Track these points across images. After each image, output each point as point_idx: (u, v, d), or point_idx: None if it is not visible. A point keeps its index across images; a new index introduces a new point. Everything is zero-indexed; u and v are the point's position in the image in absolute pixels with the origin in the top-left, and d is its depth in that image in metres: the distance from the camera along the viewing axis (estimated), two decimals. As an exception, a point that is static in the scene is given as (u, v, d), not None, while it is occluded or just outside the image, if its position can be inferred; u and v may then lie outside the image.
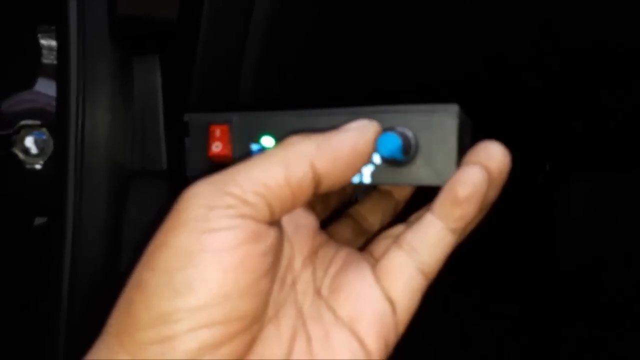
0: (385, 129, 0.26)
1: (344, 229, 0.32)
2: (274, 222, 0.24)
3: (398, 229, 0.28)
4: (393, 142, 0.25)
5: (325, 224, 0.32)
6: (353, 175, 0.25)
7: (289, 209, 0.24)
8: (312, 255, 0.28)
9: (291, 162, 0.24)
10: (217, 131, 0.29)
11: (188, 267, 0.21)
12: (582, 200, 0.77)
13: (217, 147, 0.29)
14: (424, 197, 0.29)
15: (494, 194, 0.26)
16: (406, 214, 0.30)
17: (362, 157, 0.25)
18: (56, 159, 0.51)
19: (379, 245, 0.28)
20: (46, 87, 0.58)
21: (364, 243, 0.32)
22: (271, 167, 0.23)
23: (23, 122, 0.53)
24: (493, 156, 0.25)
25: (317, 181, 0.24)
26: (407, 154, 0.26)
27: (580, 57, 0.43)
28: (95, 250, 0.48)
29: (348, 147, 0.24)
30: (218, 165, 0.29)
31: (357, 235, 0.32)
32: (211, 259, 0.22)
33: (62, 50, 0.47)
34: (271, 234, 0.23)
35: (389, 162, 0.26)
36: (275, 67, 0.42)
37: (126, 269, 0.49)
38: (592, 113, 0.52)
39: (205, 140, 0.30)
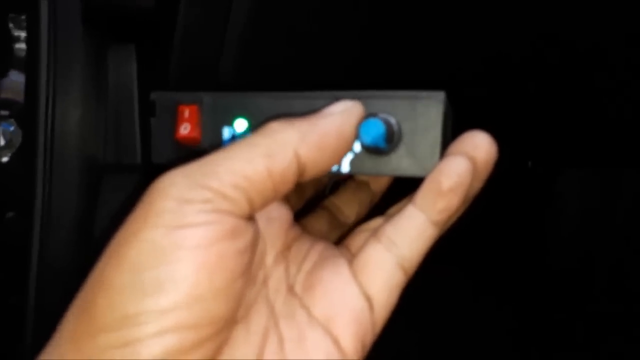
0: (368, 115, 0.25)
1: (318, 221, 0.31)
2: (252, 217, 0.23)
3: (376, 222, 0.27)
4: (376, 129, 0.24)
5: (299, 216, 0.31)
6: (337, 162, 0.24)
7: (269, 202, 0.23)
8: (285, 251, 0.26)
9: (274, 152, 0.22)
10: (186, 112, 0.27)
11: (158, 265, 0.20)
12: (574, 197, 0.77)
13: (185, 129, 0.27)
14: (401, 189, 0.28)
15: (478, 185, 0.25)
16: (382, 207, 0.29)
17: (347, 144, 0.24)
18: (24, 151, 0.48)
19: (355, 239, 0.27)
20: (17, 78, 0.55)
21: (340, 237, 0.31)
22: (253, 157, 0.22)
23: (-11, 113, 0.50)
24: (479, 146, 0.24)
25: (300, 171, 0.23)
26: (390, 142, 0.25)
27: (571, 52, 0.43)
28: (65, 245, 0.46)
29: (334, 133, 0.23)
30: (186, 148, 0.27)
31: (332, 229, 0.31)
32: (184, 256, 0.20)
33: (32, 38, 0.45)
34: (249, 229, 0.22)
35: (370, 150, 0.25)
36: (256, 58, 0.41)
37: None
38: (582, 109, 0.51)
39: (174, 121, 0.27)
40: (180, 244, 0.20)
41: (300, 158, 0.22)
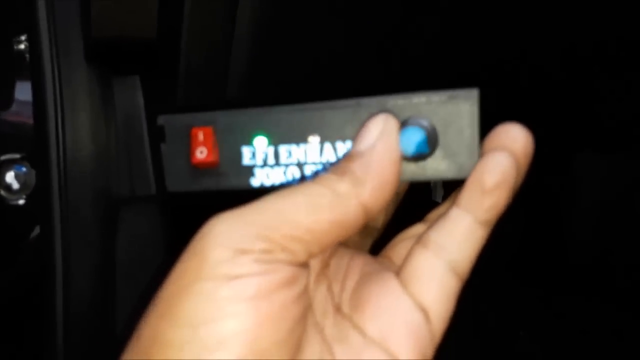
0: (402, 123, 0.23)
1: None
2: (308, 262, 0.22)
3: (417, 228, 0.26)
4: (417, 137, 0.23)
5: None
6: (396, 189, 0.23)
7: (329, 249, 0.22)
8: (325, 268, 0.25)
9: (338, 205, 0.21)
10: (200, 134, 0.25)
11: (218, 319, 0.19)
12: (594, 184, 0.76)
13: (201, 154, 0.25)
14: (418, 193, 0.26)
15: (520, 179, 0.23)
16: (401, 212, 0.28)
17: (399, 163, 0.23)
18: (40, 192, 0.48)
19: (397, 249, 0.26)
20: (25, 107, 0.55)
21: (372, 244, 0.30)
22: (316, 210, 0.21)
23: (3, 158, 0.50)
24: (516, 139, 0.23)
25: (366, 216, 0.22)
26: (432, 148, 0.23)
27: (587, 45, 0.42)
28: (88, 284, 0.46)
29: (387, 165, 0.22)
30: (203, 173, 0.25)
31: (364, 236, 0.30)
32: (244, 308, 0.19)
33: (37, 79, 0.45)
34: (305, 273, 0.21)
35: (409, 158, 0.23)
36: (262, 78, 0.40)
37: (121, 308, 0.47)
38: (602, 97, 0.50)
39: (187, 145, 0.25)
40: (238, 296, 0.19)
41: (365, 205, 0.22)
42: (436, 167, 0.24)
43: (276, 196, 0.21)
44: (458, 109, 0.23)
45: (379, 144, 0.22)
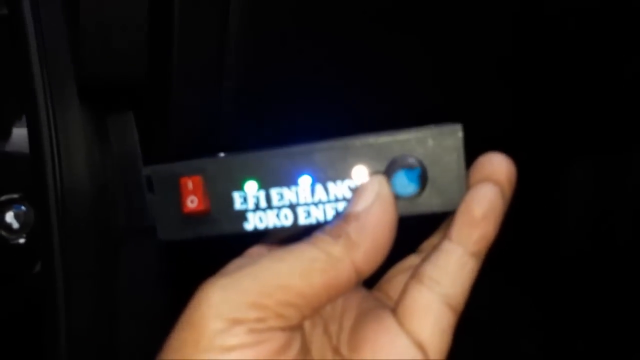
0: (391, 162, 0.24)
1: None
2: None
3: (411, 260, 0.26)
4: (411, 178, 0.23)
5: None
6: (390, 248, 0.23)
7: (321, 309, 0.22)
8: (320, 309, 0.25)
9: (331, 267, 0.21)
10: (190, 184, 0.25)
11: None
12: (582, 187, 0.76)
13: (192, 203, 0.25)
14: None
15: (505, 207, 0.24)
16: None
17: (395, 223, 0.23)
18: (39, 231, 0.49)
19: (393, 282, 0.26)
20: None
21: None
22: (309, 273, 0.21)
23: (2, 198, 0.51)
24: (499, 168, 0.23)
25: (359, 277, 0.22)
26: (424, 185, 0.24)
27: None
28: (90, 320, 0.46)
29: (385, 231, 0.22)
30: (195, 219, 0.25)
31: None
32: None
33: (32, 118, 0.45)
34: (299, 334, 0.21)
35: (401, 197, 0.24)
36: (254, 110, 0.41)
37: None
38: (585, 96, 0.51)
39: (177, 195, 0.25)
40: None
41: (358, 267, 0.22)
42: (426, 202, 0.24)
43: (270, 259, 0.21)
44: (444, 145, 0.24)
45: (375, 207, 0.22)
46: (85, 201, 0.45)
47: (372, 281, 0.28)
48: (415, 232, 0.28)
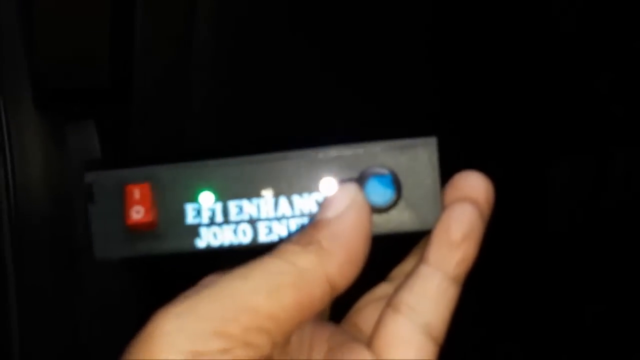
0: (363, 173, 0.22)
1: None
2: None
3: (382, 289, 0.24)
4: (384, 186, 0.22)
5: None
6: (365, 259, 0.21)
7: (293, 333, 0.20)
8: (286, 346, 0.22)
9: (302, 281, 0.19)
10: (136, 192, 0.22)
11: None
12: (564, 188, 0.76)
13: (137, 214, 0.22)
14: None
15: (484, 226, 0.22)
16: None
17: (369, 234, 0.21)
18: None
19: (364, 313, 0.24)
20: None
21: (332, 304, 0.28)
22: (278, 290, 0.18)
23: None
24: (476, 187, 0.22)
25: (334, 292, 0.20)
26: (397, 198, 0.22)
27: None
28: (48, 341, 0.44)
29: (361, 238, 0.20)
30: (139, 235, 0.23)
31: None
32: None
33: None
34: None
35: (373, 209, 0.22)
36: (221, 118, 0.39)
37: None
38: (565, 98, 0.51)
39: (120, 205, 0.22)
40: None
41: (332, 280, 0.19)
42: (399, 219, 0.22)
43: (231, 278, 0.19)
44: (417, 159, 0.22)
45: (349, 213, 0.20)
46: (41, 212, 0.43)
47: (337, 314, 0.25)
48: (382, 258, 0.26)
